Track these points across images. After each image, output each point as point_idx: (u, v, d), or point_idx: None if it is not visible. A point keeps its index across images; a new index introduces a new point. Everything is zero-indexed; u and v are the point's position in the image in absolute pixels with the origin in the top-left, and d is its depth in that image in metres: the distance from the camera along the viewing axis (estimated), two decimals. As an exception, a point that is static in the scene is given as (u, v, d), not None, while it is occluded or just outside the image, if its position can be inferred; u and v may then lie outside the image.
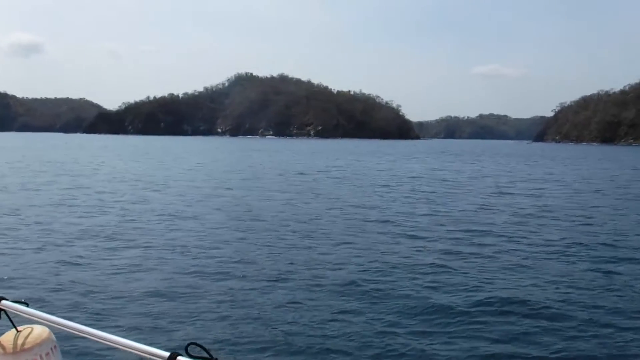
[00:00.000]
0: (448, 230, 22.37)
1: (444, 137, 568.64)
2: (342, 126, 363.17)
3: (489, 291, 13.65)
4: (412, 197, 35.43)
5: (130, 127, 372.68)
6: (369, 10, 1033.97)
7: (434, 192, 38.89)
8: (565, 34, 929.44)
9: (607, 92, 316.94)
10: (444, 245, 19.16)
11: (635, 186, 45.83)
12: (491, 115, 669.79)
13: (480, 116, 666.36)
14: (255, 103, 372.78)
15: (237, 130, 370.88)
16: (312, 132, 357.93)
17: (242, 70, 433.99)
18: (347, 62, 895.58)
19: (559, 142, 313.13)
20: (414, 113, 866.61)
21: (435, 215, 26.94)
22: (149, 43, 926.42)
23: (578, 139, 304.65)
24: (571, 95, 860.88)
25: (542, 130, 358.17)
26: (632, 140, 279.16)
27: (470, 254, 17.79)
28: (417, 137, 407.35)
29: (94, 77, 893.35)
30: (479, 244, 19.48)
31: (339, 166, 69.75)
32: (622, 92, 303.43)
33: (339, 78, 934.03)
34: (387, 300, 12.82)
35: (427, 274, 15.24)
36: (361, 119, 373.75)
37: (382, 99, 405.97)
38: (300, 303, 12.57)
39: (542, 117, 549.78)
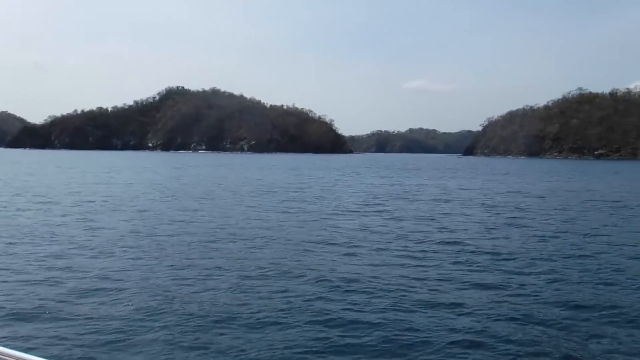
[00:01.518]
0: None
1: (375, 151, 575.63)
2: (276, 140, 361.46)
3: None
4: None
5: (57, 142, 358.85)
6: (300, 25, 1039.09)
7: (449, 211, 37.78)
8: (491, 50, 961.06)
9: (531, 107, 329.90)
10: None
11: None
12: (420, 129, 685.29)
13: (410, 130, 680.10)
14: (187, 117, 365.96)
15: (168, 144, 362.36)
16: (245, 147, 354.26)
17: (173, 83, 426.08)
18: (279, 76, 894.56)
19: (488, 155, 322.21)
20: (345, 127, 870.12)
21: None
22: (76, 55, 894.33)
23: (506, 153, 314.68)
24: (497, 110, 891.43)
25: (471, 144, 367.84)
26: (556, 153, 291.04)
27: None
28: (351, 151, 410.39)
29: (17, 89, 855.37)
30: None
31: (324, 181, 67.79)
32: (546, 107, 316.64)
33: (272, 92, 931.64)
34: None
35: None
36: (295, 133, 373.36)
37: (315, 114, 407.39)
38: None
39: (469, 131, 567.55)
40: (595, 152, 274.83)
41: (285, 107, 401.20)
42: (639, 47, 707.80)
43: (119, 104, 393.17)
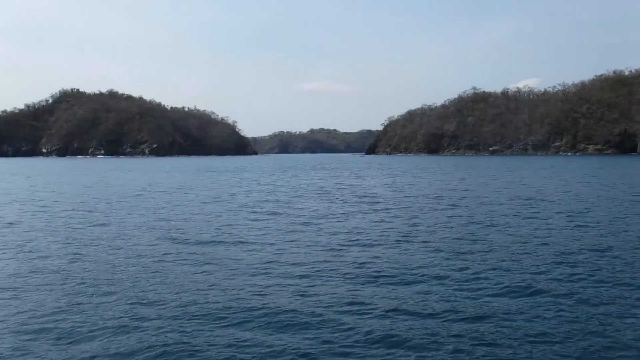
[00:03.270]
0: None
1: (278, 152, 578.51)
2: (179, 143, 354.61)
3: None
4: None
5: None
6: (199, 26, 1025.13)
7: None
8: (388, 52, 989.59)
9: (429, 106, 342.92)
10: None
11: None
12: (322, 129, 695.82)
13: (312, 131, 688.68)
14: (84, 121, 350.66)
15: (64, 150, 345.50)
16: (147, 151, 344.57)
17: (67, 86, 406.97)
18: (180, 78, 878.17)
19: (390, 153, 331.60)
20: (247, 129, 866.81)
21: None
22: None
23: (407, 151, 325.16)
24: (396, 109, 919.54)
25: (373, 143, 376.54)
26: (454, 150, 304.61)
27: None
28: (255, 153, 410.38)
29: None
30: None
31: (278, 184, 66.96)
32: (443, 107, 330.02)
33: (173, 94, 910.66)
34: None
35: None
36: (197, 135, 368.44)
37: (217, 115, 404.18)
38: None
39: (369, 131, 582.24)
40: (490, 149, 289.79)
41: (186, 109, 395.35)
42: (522, 50, 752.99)
43: (9, 108, 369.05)
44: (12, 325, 11.71)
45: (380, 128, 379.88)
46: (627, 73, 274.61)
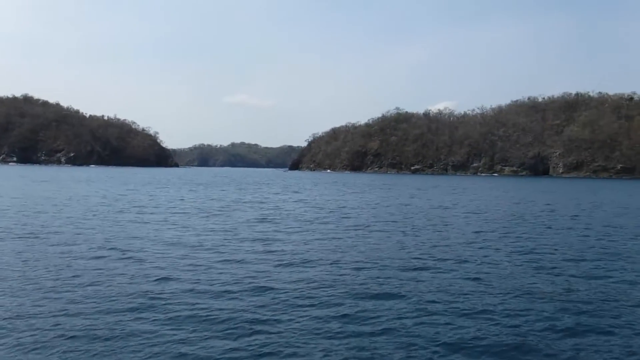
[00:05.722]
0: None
1: (198, 165, 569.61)
2: (97, 153, 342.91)
3: None
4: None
5: None
6: (119, 33, 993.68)
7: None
8: (309, 68, 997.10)
9: (354, 124, 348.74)
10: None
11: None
12: (243, 143, 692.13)
13: (232, 144, 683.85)
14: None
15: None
16: (63, 159, 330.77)
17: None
18: (99, 86, 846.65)
19: (314, 170, 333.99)
20: (167, 140, 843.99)
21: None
22: None
23: (331, 167, 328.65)
24: (318, 126, 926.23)
25: (297, 158, 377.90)
26: (377, 168, 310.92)
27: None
28: (176, 165, 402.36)
29: None
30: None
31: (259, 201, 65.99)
32: (367, 125, 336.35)
33: (92, 102, 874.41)
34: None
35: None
36: (117, 145, 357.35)
37: (138, 126, 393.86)
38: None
39: (290, 147, 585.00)
40: (412, 168, 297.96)
41: (106, 117, 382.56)
42: (441, 72, 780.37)
43: None
44: None
45: (302, 144, 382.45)
46: (540, 100, 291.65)
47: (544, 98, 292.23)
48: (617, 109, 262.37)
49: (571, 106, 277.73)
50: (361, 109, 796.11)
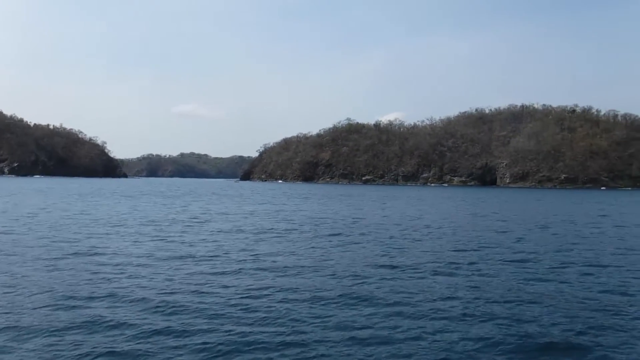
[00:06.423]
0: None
1: (147, 175, 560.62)
2: (42, 163, 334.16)
3: None
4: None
5: None
6: (68, 38, 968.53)
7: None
8: (262, 78, 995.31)
9: (305, 135, 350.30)
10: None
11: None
12: (192, 154, 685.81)
13: (182, 155, 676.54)
14: None
15: None
16: (6, 170, 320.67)
17: None
18: (45, 94, 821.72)
19: (265, 180, 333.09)
20: (115, 150, 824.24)
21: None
22: None
23: (282, 177, 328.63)
24: (269, 137, 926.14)
25: (249, 169, 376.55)
26: (328, 179, 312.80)
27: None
28: (125, 175, 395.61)
29: None
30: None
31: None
32: (319, 136, 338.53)
33: (36, 110, 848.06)
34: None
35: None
36: (63, 155, 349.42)
37: (85, 135, 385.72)
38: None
39: (241, 157, 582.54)
40: (363, 178, 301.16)
41: (52, 126, 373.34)
42: (389, 83, 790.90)
43: None
44: None
45: (253, 154, 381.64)
46: (487, 111, 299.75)
47: (490, 110, 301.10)
48: (560, 121, 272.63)
49: (517, 117, 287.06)
50: (313, 120, 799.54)
